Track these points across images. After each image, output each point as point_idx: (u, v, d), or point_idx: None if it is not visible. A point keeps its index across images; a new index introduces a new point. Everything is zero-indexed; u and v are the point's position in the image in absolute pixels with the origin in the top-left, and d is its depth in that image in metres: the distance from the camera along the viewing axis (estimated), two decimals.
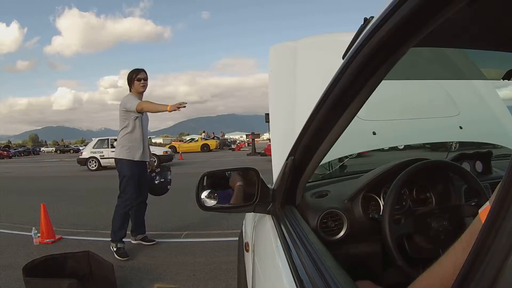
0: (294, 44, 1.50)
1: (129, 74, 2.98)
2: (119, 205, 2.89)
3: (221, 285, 2.33)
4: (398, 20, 0.42)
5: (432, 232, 0.94)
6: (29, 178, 11.37)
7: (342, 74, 0.59)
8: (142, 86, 2.92)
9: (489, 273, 0.29)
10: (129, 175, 2.86)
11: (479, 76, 1.19)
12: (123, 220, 2.88)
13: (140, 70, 2.95)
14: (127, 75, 3.01)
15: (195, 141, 24.02)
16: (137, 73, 2.92)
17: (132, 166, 2.89)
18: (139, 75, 2.91)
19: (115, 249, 2.86)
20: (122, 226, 2.88)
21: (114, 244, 2.88)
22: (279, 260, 0.74)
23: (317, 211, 1.00)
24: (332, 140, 0.74)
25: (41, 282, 2.06)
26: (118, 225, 2.86)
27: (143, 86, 2.93)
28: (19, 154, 37.83)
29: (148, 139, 3.11)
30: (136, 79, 2.91)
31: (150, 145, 3.54)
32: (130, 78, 2.95)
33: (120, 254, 2.82)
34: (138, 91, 2.92)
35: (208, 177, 0.99)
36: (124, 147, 2.89)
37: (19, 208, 5.32)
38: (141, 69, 2.96)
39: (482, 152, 1.37)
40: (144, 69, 2.98)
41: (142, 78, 2.91)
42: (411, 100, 1.50)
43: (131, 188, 2.86)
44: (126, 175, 2.87)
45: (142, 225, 3.16)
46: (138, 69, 2.96)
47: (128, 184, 2.86)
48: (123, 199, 2.88)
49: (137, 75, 2.91)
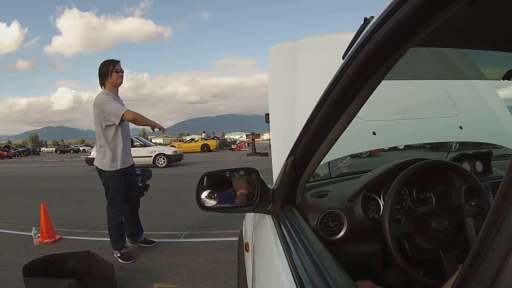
0: (294, 44, 1.50)
1: (104, 66, 2.66)
2: (110, 217, 2.76)
3: (221, 285, 2.32)
4: (398, 20, 0.42)
5: (432, 232, 0.94)
6: (29, 178, 11.37)
7: (342, 74, 0.59)
8: (120, 77, 2.67)
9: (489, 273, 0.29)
10: (114, 187, 2.70)
11: (479, 76, 1.19)
12: (119, 229, 2.80)
13: (117, 61, 2.69)
14: (101, 67, 2.69)
15: (195, 141, 24.01)
16: (114, 64, 2.66)
17: (115, 176, 2.70)
18: (117, 66, 2.66)
19: (119, 255, 2.80)
20: (120, 235, 2.81)
21: (117, 251, 2.82)
22: (279, 260, 0.74)
23: (317, 211, 1.00)
24: (332, 140, 0.74)
25: (41, 282, 2.06)
26: (115, 236, 2.79)
27: (121, 77, 2.68)
28: (19, 154, 37.81)
29: (128, 138, 2.88)
30: (114, 71, 2.65)
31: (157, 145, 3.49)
32: (106, 71, 2.65)
33: (124, 258, 2.78)
34: (115, 85, 2.68)
35: (208, 177, 0.99)
36: (106, 157, 2.67)
37: (19, 208, 5.32)
38: (117, 60, 2.70)
39: (482, 152, 1.37)
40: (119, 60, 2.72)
41: (120, 69, 2.68)
42: (411, 100, 1.50)
43: (118, 199, 2.73)
44: (111, 187, 2.71)
45: (138, 225, 3.09)
46: (114, 59, 2.69)
47: (114, 196, 2.72)
48: (112, 211, 2.75)
49: (114, 66, 2.65)
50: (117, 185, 2.72)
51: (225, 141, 27.36)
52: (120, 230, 2.81)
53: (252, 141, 18.20)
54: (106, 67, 2.66)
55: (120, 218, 2.78)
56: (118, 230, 2.79)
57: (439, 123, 1.49)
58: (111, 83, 2.67)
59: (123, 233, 2.87)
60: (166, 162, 11.69)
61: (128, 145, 2.85)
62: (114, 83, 2.67)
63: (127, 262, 2.74)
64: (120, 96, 2.83)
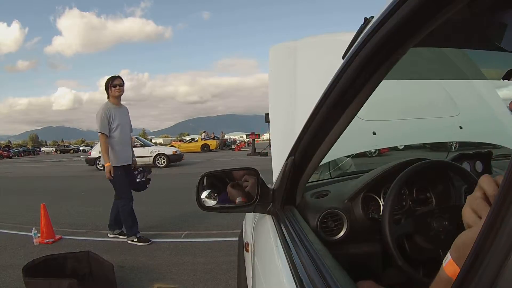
0: (294, 44, 1.49)
1: (106, 82, 3.28)
2: (122, 206, 3.20)
3: (221, 285, 2.33)
4: (398, 20, 0.42)
5: (432, 232, 0.94)
6: (29, 178, 11.37)
7: (342, 74, 0.59)
8: (117, 91, 3.22)
9: (489, 273, 0.28)
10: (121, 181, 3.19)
11: (479, 76, 1.18)
12: (131, 216, 3.23)
13: (116, 77, 3.27)
14: (105, 83, 3.31)
15: (195, 141, 24.00)
16: (113, 80, 3.24)
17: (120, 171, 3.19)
18: (115, 81, 3.23)
19: (136, 239, 3.22)
20: (133, 221, 3.25)
21: (133, 237, 3.24)
22: (279, 260, 0.74)
23: (317, 211, 1.00)
24: (332, 140, 0.74)
25: (41, 282, 2.06)
26: (129, 223, 3.24)
27: (119, 91, 3.23)
28: (19, 154, 37.77)
29: (128, 140, 3.39)
30: (112, 85, 3.21)
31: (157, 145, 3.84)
32: (107, 85, 3.24)
33: (143, 240, 3.21)
34: (114, 96, 3.23)
35: (208, 177, 0.99)
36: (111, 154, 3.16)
37: (19, 208, 5.32)
38: (117, 76, 3.30)
39: (482, 152, 1.36)
40: (120, 76, 3.33)
41: (118, 84, 3.22)
42: (411, 100, 1.50)
43: (126, 190, 3.24)
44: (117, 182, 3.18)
45: (119, 221, 3.38)
46: (113, 76, 3.30)
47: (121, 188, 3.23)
48: (123, 202, 3.20)
49: (112, 81, 3.22)
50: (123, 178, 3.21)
51: (225, 141, 27.35)
52: (132, 217, 3.24)
53: (252, 141, 18.19)
54: (107, 83, 3.26)
55: (130, 206, 3.21)
56: (131, 217, 3.23)
57: (439, 123, 1.48)
58: (112, 96, 3.25)
59: (135, 220, 3.27)
60: (166, 162, 11.68)
61: (128, 144, 3.35)
62: (114, 95, 3.25)
63: (146, 244, 3.18)
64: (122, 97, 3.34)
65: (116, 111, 3.22)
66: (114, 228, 3.43)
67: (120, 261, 2.75)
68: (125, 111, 3.35)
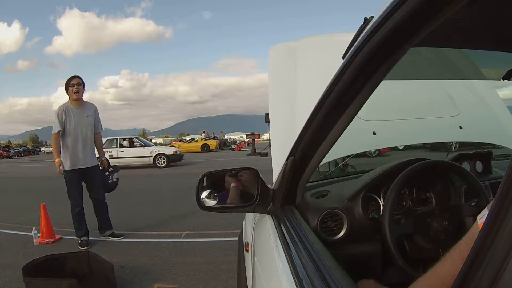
0: (294, 44, 1.49)
1: (65, 82, 3.20)
2: (70, 208, 3.26)
3: (221, 285, 2.32)
4: (398, 20, 0.42)
5: (432, 232, 0.94)
6: (29, 178, 11.36)
7: (342, 74, 0.59)
8: (74, 92, 3.13)
9: (489, 273, 0.28)
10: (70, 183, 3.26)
11: (479, 76, 1.19)
12: (79, 219, 3.24)
13: (74, 77, 3.19)
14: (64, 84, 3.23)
15: (195, 141, 24.00)
16: (70, 80, 3.17)
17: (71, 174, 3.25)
18: (72, 81, 3.15)
19: (79, 241, 3.21)
20: (80, 224, 3.24)
21: (78, 238, 3.24)
22: (279, 260, 0.74)
23: (317, 211, 1.00)
24: (332, 140, 0.74)
25: (41, 282, 2.06)
26: (77, 225, 3.25)
27: (76, 91, 3.13)
28: (19, 154, 37.76)
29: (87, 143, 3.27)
30: (69, 86, 3.13)
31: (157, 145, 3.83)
32: (66, 86, 3.17)
33: (81, 245, 3.17)
34: (73, 98, 3.15)
35: (208, 177, 0.99)
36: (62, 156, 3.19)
37: (19, 208, 5.31)
38: (75, 76, 3.23)
39: (482, 152, 1.36)
40: (78, 75, 3.25)
41: (75, 83, 3.14)
42: (411, 100, 1.50)
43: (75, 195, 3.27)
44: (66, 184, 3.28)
45: (107, 222, 3.41)
46: (72, 76, 3.22)
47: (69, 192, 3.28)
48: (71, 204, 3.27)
49: (70, 81, 3.15)
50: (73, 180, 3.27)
51: (225, 141, 27.35)
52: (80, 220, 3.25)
53: (252, 141, 18.19)
54: (65, 83, 3.17)
55: (77, 210, 3.24)
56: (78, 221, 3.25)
57: (439, 123, 1.48)
58: (70, 96, 3.18)
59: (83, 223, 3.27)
60: (166, 162, 11.67)
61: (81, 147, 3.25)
62: (71, 96, 3.16)
63: (82, 248, 3.08)
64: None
65: (74, 111, 3.15)
66: (105, 230, 3.42)
67: (120, 261, 2.75)
68: (87, 111, 3.26)
